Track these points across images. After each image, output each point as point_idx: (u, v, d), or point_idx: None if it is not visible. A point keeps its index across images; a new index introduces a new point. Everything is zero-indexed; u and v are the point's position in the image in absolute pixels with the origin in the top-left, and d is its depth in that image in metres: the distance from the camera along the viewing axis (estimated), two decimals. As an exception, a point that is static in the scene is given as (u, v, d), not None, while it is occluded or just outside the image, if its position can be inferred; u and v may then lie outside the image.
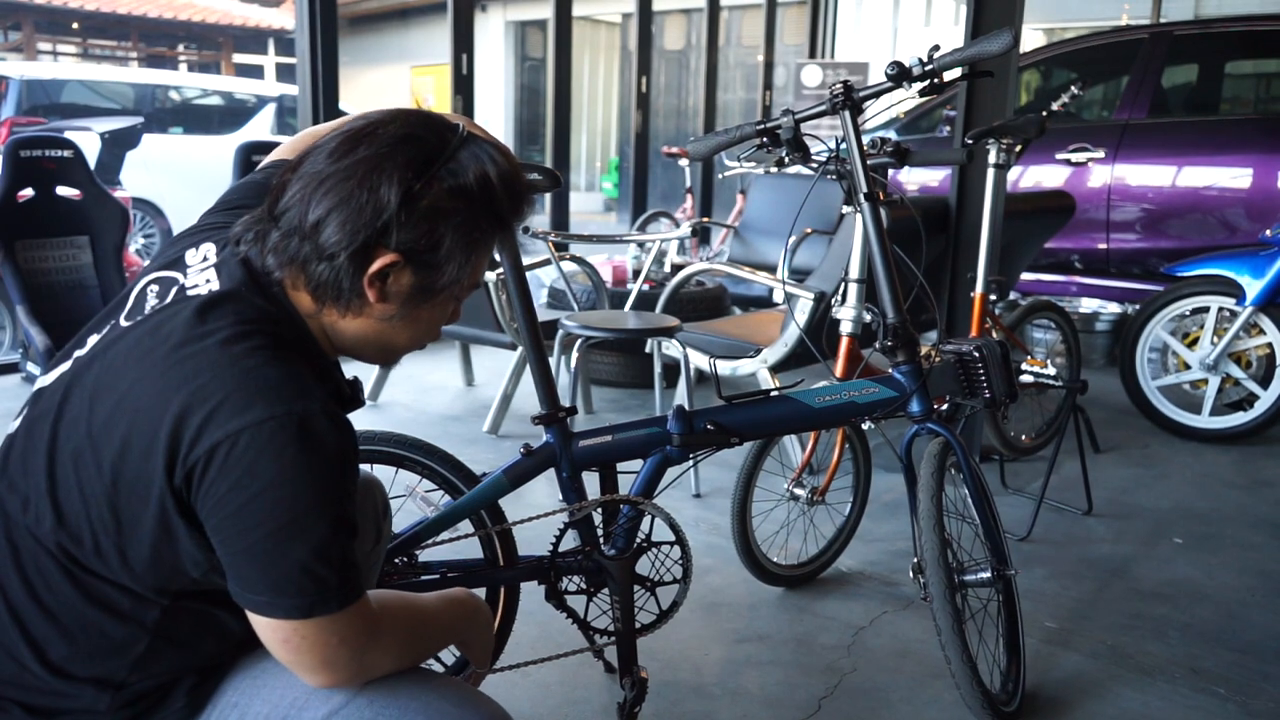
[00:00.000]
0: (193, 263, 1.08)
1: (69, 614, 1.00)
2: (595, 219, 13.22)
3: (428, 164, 1.01)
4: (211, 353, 0.96)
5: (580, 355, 3.03)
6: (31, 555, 1.00)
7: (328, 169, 1.01)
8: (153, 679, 1.04)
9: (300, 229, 1.01)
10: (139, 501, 0.96)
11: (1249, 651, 2.21)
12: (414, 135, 1.03)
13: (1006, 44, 1.75)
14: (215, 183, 5.31)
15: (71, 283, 4.16)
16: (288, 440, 0.93)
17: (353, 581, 0.99)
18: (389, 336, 1.10)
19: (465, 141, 1.05)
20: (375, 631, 1.03)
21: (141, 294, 1.07)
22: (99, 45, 14.72)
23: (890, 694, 1.99)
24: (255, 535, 0.94)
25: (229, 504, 0.93)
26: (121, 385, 0.98)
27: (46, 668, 1.00)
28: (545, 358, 1.75)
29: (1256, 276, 3.57)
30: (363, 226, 0.99)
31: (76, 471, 0.98)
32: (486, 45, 14.31)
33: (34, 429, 1.04)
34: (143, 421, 0.95)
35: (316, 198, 1.00)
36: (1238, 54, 5.50)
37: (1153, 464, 3.50)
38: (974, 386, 1.90)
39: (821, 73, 7.67)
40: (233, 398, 0.93)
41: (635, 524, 1.72)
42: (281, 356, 0.98)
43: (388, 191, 0.99)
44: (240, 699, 1.07)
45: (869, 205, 1.88)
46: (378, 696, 1.05)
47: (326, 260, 1.01)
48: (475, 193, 1.03)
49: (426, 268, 1.04)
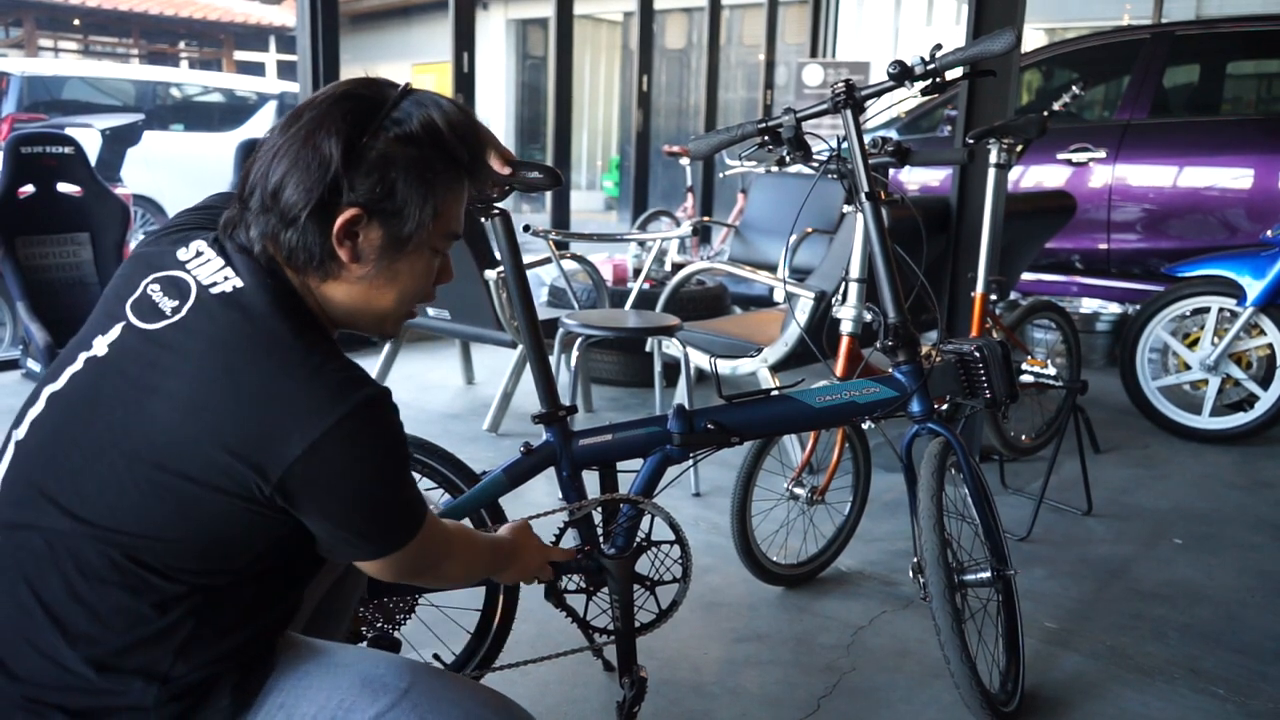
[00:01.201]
0: (188, 258, 1.08)
1: (110, 607, 1.00)
2: (596, 218, 13.22)
3: (369, 116, 1.05)
4: (276, 354, 1.00)
5: (580, 354, 3.02)
6: (70, 553, 1.00)
7: (278, 140, 1.06)
8: (196, 671, 1.04)
9: (264, 201, 1.05)
10: (205, 498, 0.99)
11: (1248, 652, 2.21)
12: (353, 93, 1.07)
13: (1008, 44, 1.75)
14: (216, 180, 5.32)
15: (72, 279, 4.16)
16: (366, 425, 1.01)
17: (421, 495, 1.13)
18: (374, 298, 1.11)
19: (408, 93, 1.08)
20: (450, 539, 1.22)
21: (144, 295, 1.07)
22: (100, 42, 14.72)
23: (889, 694, 1.99)
24: (366, 507, 1.05)
25: (337, 496, 1.02)
26: (173, 386, 1.00)
27: (91, 665, 1.00)
28: (545, 356, 1.75)
29: (1257, 277, 3.57)
30: (315, 184, 1.02)
31: (129, 470, 0.99)
32: (488, 43, 14.31)
33: (61, 430, 1.04)
34: (211, 421, 0.98)
35: (273, 167, 1.04)
36: (1239, 54, 5.50)
37: (1153, 464, 3.50)
38: (974, 386, 1.89)
39: (823, 72, 7.66)
40: (311, 400, 0.99)
41: (635, 523, 1.72)
42: (328, 346, 1.04)
43: (330, 145, 1.02)
44: (287, 700, 1.08)
45: (870, 204, 1.88)
46: (422, 700, 1.09)
47: (291, 225, 1.04)
48: (422, 138, 1.06)
49: (388, 216, 1.06)
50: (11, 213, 3.98)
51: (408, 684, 1.10)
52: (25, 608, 1.01)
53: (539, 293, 4.78)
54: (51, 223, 4.11)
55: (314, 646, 1.15)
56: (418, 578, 1.19)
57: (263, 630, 1.10)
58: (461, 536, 1.28)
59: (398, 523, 1.09)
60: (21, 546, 1.02)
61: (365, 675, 1.11)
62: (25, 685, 1.01)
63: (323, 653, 1.14)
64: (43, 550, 1.01)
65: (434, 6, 13.70)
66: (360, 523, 1.06)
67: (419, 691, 1.09)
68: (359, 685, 1.09)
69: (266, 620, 1.10)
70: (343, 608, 1.46)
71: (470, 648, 1.82)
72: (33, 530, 1.02)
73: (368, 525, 1.07)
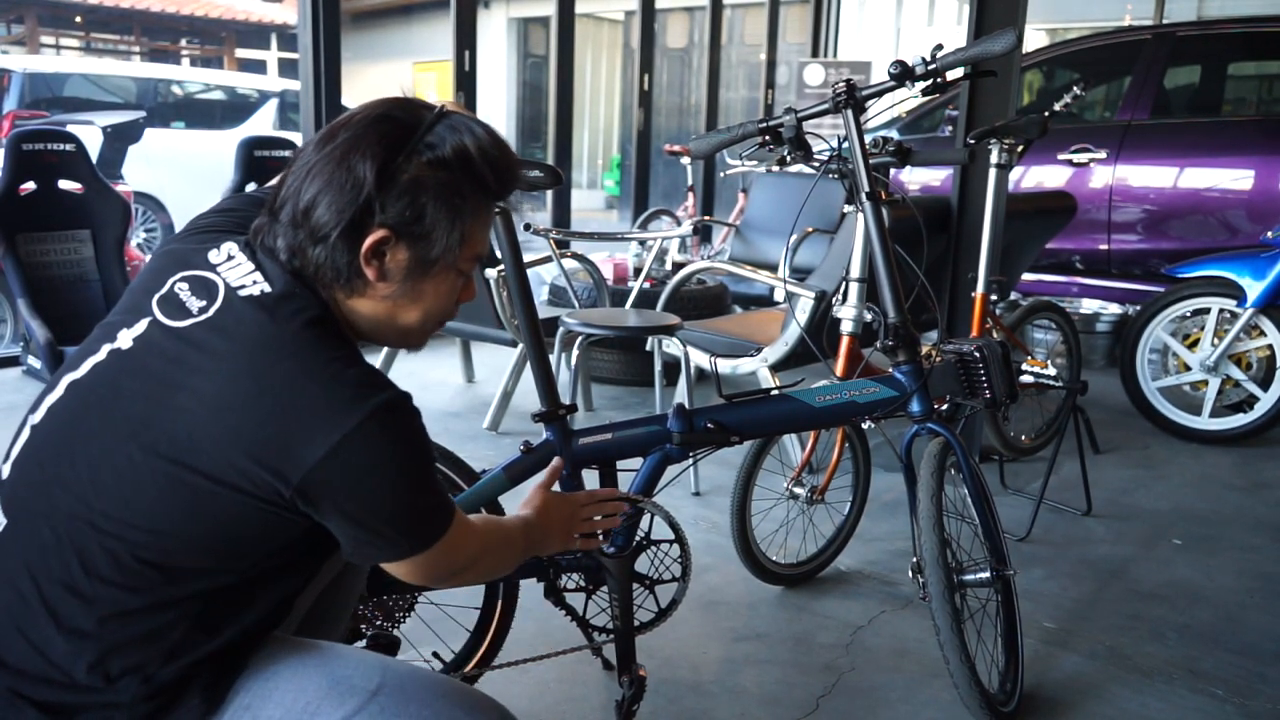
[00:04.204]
0: (219, 261, 1.09)
1: (108, 604, 1.00)
2: (597, 216, 13.22)
3: (404, 140, 1.06)
4: (300, 357, 1.02)
5: (581, 353, 3.03)
6: (76, 548, 1.01)
7: (313, 158, 1.07)
8: (178, 671, 1.04)
9: (295, 217, 1.07)
10: (222, 496, 1.00)
11: (1247, 653, 2.21)
12: (389, 115, 1.08)
13: (1009, 44, 1.75)
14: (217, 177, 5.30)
15: (73, 276, 4.16)
16: (385, 428, 1.01)
17: (448, 497, 1.14)
18: (398, 315, 1.13)
19: (442, 117, 1.09)
20: (480, 536, 1.20)
21: (171, 293, 1.08)
22: (102, 39, 14.73)
23: (888, 693, 1.99)
24: (387, 509, 1.05)
25: (358, 498, 1.02)
26: (198, 384, 1.01)
27: (80, 660, 1.00)
28: (545, 355, 1.75)
29: (1257, 278, 3.57)
30: (347, 205, 1.04)
31: (147, 463, 1.00)
32: (489, 42, 14.30)
33: (80, 419, 1.05)
34: (234, 421, 0.99)
35: (305, 184, 1.06)
36: (1240, 55, 5.49)
37: (1152, 465, 3.50)
38: (974, 387, 1.89)
39: (824, 71, 7.66)
40: (332, 403, 1.00)
41: (634, 522, 1.72)
42: (351, 352, 1.06)
43: (364, 168, 1.04)
44: (254, 701, 1.08)
45: (870, 204, 1.88)
46: (389, 703, 1.07)
47: (321, 242, 1.06)
48: (454, 163, 1.07)
49: (416, 239, 1.07)
50: (13, 209, 3.98)
51: (376, 685, 1.09)
52: (24, 596, 1.01)
53: (539, 291, 4.78)
54: (53, 220, 4.11)
55: (289, 645, 1.14)
56: (454, 579, 1.20)
57: (249, 632, 1.10)
58: (491, 531, 1.27)
59: (421, 524, 1.09)
60: (31, 535, 1.03)
61: (333, 677, 1.10)
62: (9, 674, 1.01)
63: (295, 652, 1.13)
64: (50, 541, 1.02)
65: (435, 4, 13.69)
66: (382, 525, 1.06)
67: (387, 693, 1.08)
68: (326, 687, 1.08)
69: (256, 622, 1.10)
70: (339, 610, 1.45)
71: (470, 646, 1.82)
72: (42, 520, 1.02)
73: (390, 528, 1.07)
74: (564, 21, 6.19)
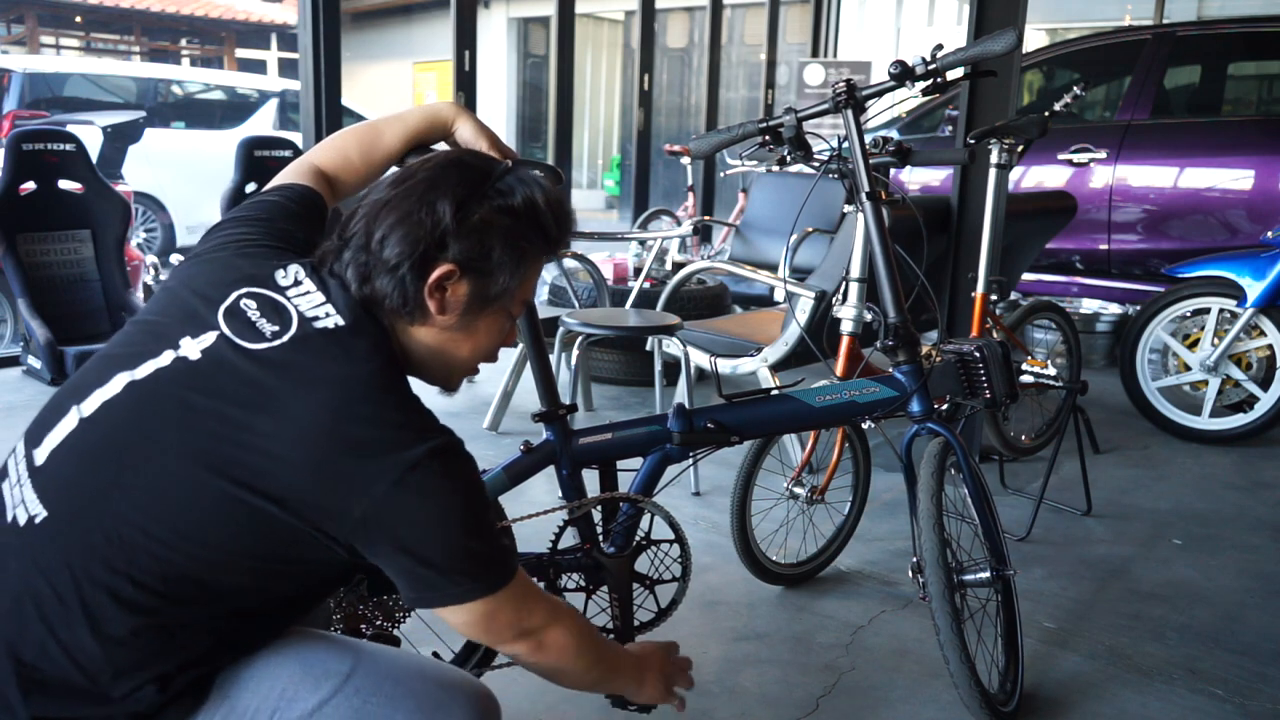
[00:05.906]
0: (287, 284, 1.13)
1: (149, 615, 1.02)
2: (597, 216, 13.22)
3: (478, 185, 1.15)
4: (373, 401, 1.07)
5: (581, 352, 3.03)
6: (126, 554, 1.01)
7: (388, 195, 1.15)
8: (190, 678, 1.06)
9: (367, 247, 1.13)
10: (280, 521, 1.02)
11: (1247, 653, 2.21)
12: (464, 162, 1.19)
13: (1009, 44, 1.75)
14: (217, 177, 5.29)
15: (73, 276, 4.16)
16: (448, 465, 1.07)
17: (511, 550, 1.19)
18: (451, 348, 1.19)
19: (512, 169, 1.19)
20: (551, 605, 1.19)
21: (237, 308, 1.10)
22: (102, 39, 14.73)
23: (888, 693, 1.99)
24: (439, 552, 1.07)
25: (411, 540, 1.05)
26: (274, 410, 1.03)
27: (109, 665, 1.01)
28: (546, 355, 1.75)
29: (1257, 278, 3.57)
30: (422, 239, 1.11)
31: (212, 482, 1.01)
32: (489, 42, 14.29)
33: (145, 427, 1.05)
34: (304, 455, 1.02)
35: (380, 218, 1.13)
36: (1240, 55, 5.49)
37: (1152, 465, 3.50)
38: (974, 386, 1.89)
39: (824, 71, 7.66)
40: (400, 443, 1.05)
41: (634, 522, 1.72)
42: (413, 394, 1.12)
43: (443, 207, 1.12)
44: (231, 691, 1.09)
45: (871, 204, 1.88)
46: (365, 684, 1.09)
47: (390, 272, 1.12)
48: (522, 211, 1.16)
49: (480, 276, 1.14)
50: (13, 209, 3.98)
51: (350, 668, 1.10)
52: (60, 594, 1.00)
53: (539, 291, 4.78)
54: (53, 220, 4.12)
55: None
56: (517, 640, 1.17)
57: (248, 647, 1.11)
58: (584, 623, 1.27)
59: (480, 567, 1.10)
60: (79, 535, 1.02)
61: (306, 662, 1.10)
62: (23, 669, 1.00)
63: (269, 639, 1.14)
64: (100, 545, 1.01)
65: (435, 4, 13.70)
66: (441, 561, 1.08)
67: (362, 675, 1.10)
68: (300, 673, 1.09)
69: (267, 639, 1.12)
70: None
71: (470, 645, 1.82)
72: (95, 522, 1.02)
73: (441, 572, 1.08)
74: (564, 21, 6.19)
